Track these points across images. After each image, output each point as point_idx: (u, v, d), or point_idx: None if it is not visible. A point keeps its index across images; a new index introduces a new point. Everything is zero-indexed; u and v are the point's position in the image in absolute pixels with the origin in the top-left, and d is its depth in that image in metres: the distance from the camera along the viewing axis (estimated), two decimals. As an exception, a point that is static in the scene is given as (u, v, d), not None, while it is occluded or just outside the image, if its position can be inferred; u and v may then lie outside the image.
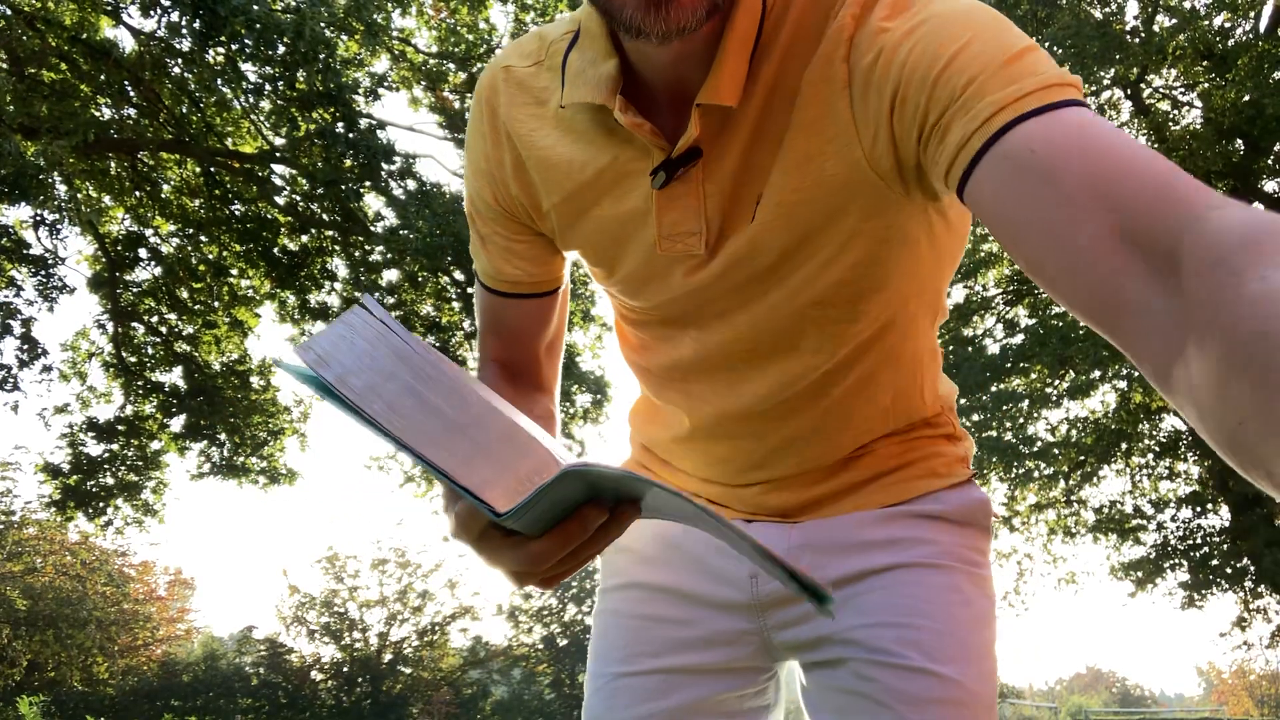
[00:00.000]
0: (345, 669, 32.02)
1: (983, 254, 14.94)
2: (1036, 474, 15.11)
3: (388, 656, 32.43)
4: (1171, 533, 16.94)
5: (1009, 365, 13.96)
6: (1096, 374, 13.12)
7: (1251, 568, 15.86)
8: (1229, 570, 16.02)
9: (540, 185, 0.91)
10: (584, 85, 0.82)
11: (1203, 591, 16.38)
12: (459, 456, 0.57)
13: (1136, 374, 12.15)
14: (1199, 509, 16.72)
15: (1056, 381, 15.00)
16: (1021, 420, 14.21)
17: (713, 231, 0.83)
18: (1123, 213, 0.52)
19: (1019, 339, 14.85)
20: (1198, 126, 11.42)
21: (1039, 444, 14.15)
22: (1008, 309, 15.94)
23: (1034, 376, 14.58)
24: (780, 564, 0.56)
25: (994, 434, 13.60)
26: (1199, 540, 16.65)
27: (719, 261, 0.84)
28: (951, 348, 15.13)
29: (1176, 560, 16.65)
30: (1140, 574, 16.75)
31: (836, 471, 0.97)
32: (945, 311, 1.00)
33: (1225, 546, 15.97)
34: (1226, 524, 16.07)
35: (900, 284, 0.86)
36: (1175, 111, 12.39)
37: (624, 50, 0.81)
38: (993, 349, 15.04)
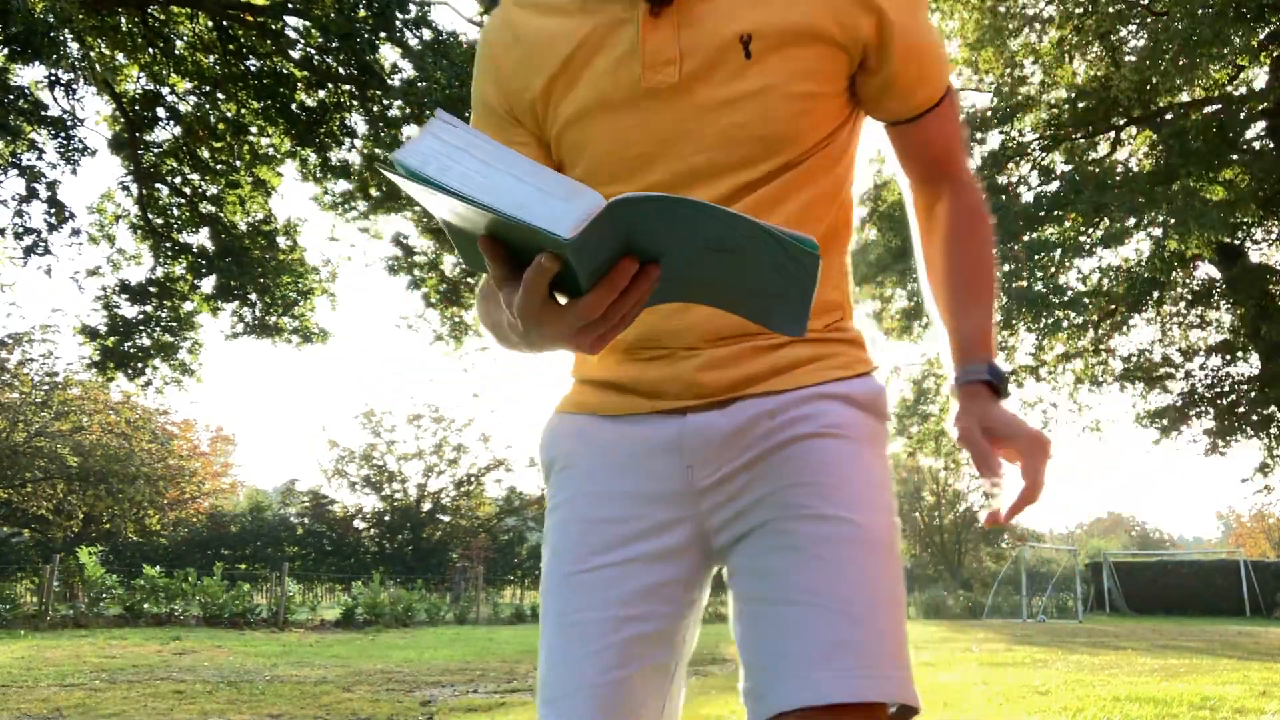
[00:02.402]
0: (387, 518, 33.32)
1: (1020, 97, 14.41)
2: (1066, 324, 15.03)
3: (427, 506, 33.65)
4: (1200, 380, 16.93)
5: (1043, 214, 13.68)
6: (1131, 221, 12.84)
7: (1278, 414, 15.89)
8: (1255, 417, 16.06)
9: (533, 66, 1.05)
10: None
11: (1227, 438, 16.48)
12: (543, 213, 0.69)
13: (1172, 221, 11.88)
14: (1229, 357, 16.65)
15: (1090, 230, 14.72)
16: (1053, 270, 14.03)
17: (673, 62, 0.97)
18: (944, 165, 1.14)
19: (1054, 186, 14.50)
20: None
21: (1069, 293, 14.01)
22: (1044, 155, 15.50)
23: (1068, 225, 14.30)
24: (766, 229, 0.72)
25: (1024, 284, 13.45)
26: (1227, 388, 16.65)
27: (685, 96, 0.98)
28: (985, 196, 14.81)
29: (1202, 408, 16.70)
30: (1165, 421, 16.85)
31: (761, 353, 1.05)
32: (850, 226, 1.14)
33: (1253, 394, 15.96)
34: (1256, 372, 16.02)
35: (812, 152, 1.03)
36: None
37: None
38: (1027, 197, 14.71)
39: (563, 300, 0.78)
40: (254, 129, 11.67)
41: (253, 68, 10.90)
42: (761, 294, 0.81)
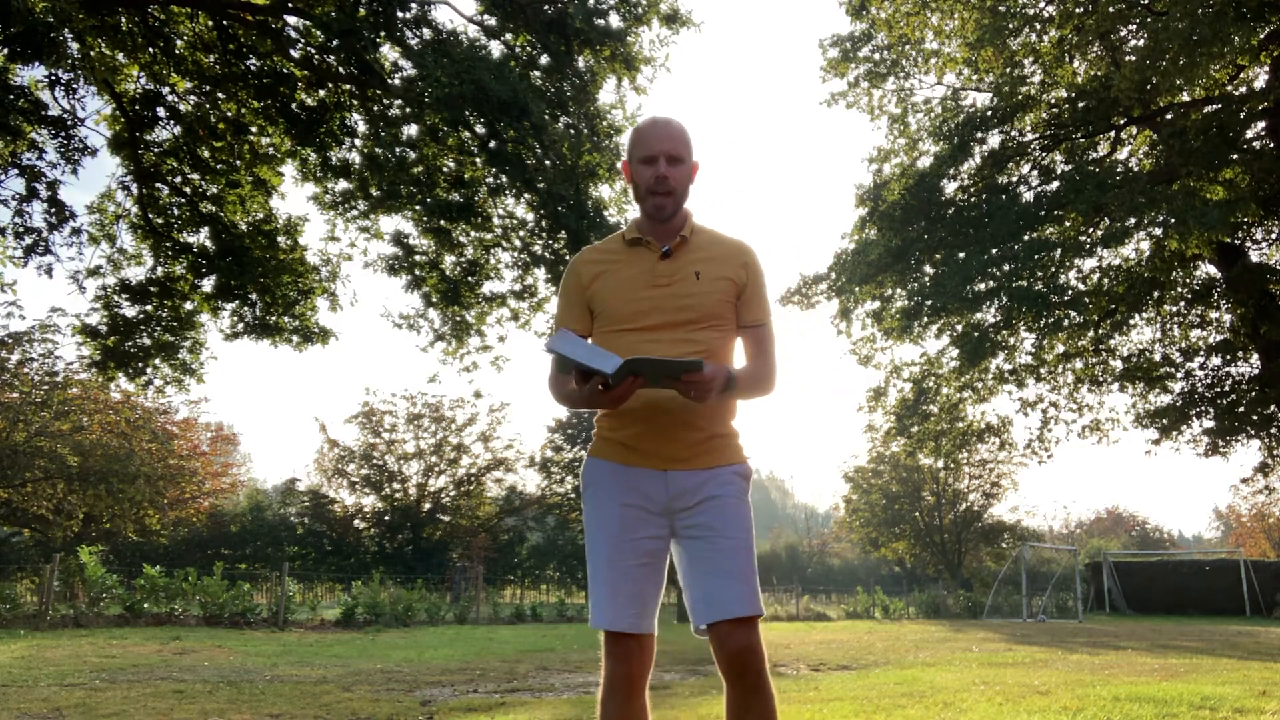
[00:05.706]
0: (387, 518, 33.30)
1: (1020, 97, 14.40)
2: (1066, 323, 15.00)
3: (427, 505, 33.62)
4: (1200, 380, 16.90)
5: (1043, 213, 13.66)
6: (1131, 221, 12.82)
7: (1278, 415, 15.86)
8: (1255, 417, 16.02)
9: (596, 268, 2.39)
10: (628, 233, 2.41)
11: (1227, 438, 16.44)
12: (601, 364, 2.02)
13: (1172, 221, 11.87)
14: (1229, 357, 16.62)
15: (1090, 230, 14.70)
16: (1053, 269, 14.01)
17: (670, 277, 2.31)
18: (766, 345, 2.40)
19: (1054, 186, 14.47)
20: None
21: (1070, 293, 13.98)
22: (1044, 155, 15.48)
23: (1068, 224, 14.28)
24: (674, 361, 2.04)
25: (1024, 284, 13.42)
26: (1227, 388, 16.62)
27: (669, 287, 2.31)
28: (985, 196, 14.80)
29: (1203, 408, 16.67)
30: (1165, 421, 16.81)
31: (698, 445, 2.29)
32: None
33: (1253, 394, 15.93)
34: (1256, 372, 16.00)
35: (719, 321, 2.32)
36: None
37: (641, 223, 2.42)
38: (1027, 197, 14.69)
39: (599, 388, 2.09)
40: (254, 128, 11.66)
41: (253, 67, 10.89)
42: (674, 368, 2.03)
